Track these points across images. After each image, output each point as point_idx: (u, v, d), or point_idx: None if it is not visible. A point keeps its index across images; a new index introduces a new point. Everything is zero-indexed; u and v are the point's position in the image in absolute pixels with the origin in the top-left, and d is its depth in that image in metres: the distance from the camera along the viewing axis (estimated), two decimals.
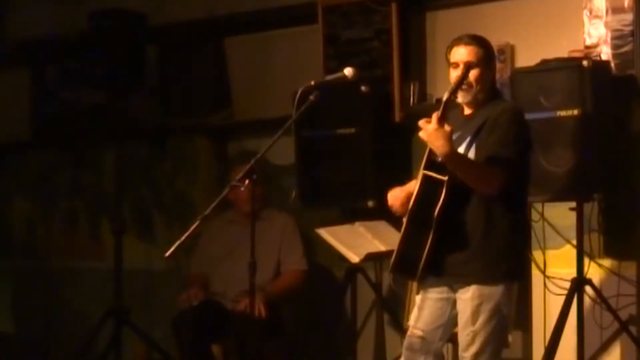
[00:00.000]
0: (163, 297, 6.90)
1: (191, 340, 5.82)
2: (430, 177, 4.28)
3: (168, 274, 6.81)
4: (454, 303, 4.42)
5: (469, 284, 4.34)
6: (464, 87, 4.38)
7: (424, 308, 4.46)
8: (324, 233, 5.71)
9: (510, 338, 5.35)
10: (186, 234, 4.55)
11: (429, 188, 4.28)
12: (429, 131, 4.19)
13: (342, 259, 5.76)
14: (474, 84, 4.38)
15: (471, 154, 4.34)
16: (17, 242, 7.99)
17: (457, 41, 4.46)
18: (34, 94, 7.82)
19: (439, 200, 4.25)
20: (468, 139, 4.37)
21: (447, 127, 4.19)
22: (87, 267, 7.49)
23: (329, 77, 4.92)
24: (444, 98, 4.27)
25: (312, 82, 4.69)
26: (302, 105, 4.63)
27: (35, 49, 7.59)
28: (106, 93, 6.78)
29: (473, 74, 4.38)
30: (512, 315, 4.45)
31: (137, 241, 7.16)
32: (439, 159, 4.26)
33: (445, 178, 4.25)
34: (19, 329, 7.94)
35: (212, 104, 6.37)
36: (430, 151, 4.28)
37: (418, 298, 4.51)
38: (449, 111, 4.28)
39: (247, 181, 4.53)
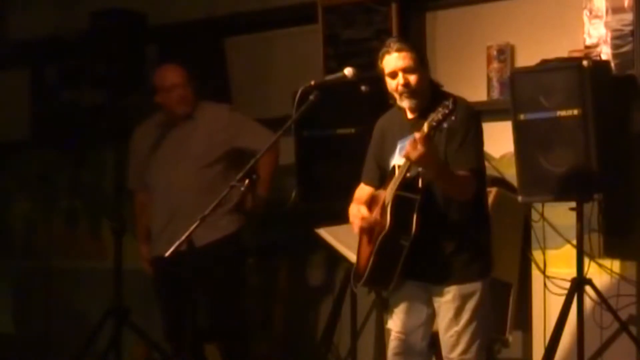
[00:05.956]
0: None
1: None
2: (404, 197, 4.27)
3: None
4: (429, 301, 4.42)
5: (448, 285, 4.34)
6: (405, 93, 4.33)
7: (401, 312, 4.46)
8: (324, 233, 5.70)
9: (510, 338, 5.38)
10: (186, 234, 4.55)
11: (402, 208, 4.26)
12: (421, 151, 4.05)
13: (342, 259, 5.75)
14: (416, 89, 4.33)
15: None
16: (17, 242, 7.99)
17: (388, 49, 4.36)
18: (34, 94, 7.82)
19: (412, 218, 4.24)
20: None
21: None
22: (87, 267, 7.49)
23: (329, 77, 4.92)
24: (425, 128, 4.08)
25: (312, 82, 4.68)
26: (302, 105, 4.63)
27: (35, 49, 7.59)
28: (106, 93, 6.79)
29: (413, 79, 4.32)
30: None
31: (137, 241, 7.15)
32: (414, 175, 4.24)
33: (418, 197, 4.26)
34: (19, 329, 7.94)
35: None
36: (406, 172, 4.25)
37: (391, 302, 4.51)
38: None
39: (246, 181, 4.53)
